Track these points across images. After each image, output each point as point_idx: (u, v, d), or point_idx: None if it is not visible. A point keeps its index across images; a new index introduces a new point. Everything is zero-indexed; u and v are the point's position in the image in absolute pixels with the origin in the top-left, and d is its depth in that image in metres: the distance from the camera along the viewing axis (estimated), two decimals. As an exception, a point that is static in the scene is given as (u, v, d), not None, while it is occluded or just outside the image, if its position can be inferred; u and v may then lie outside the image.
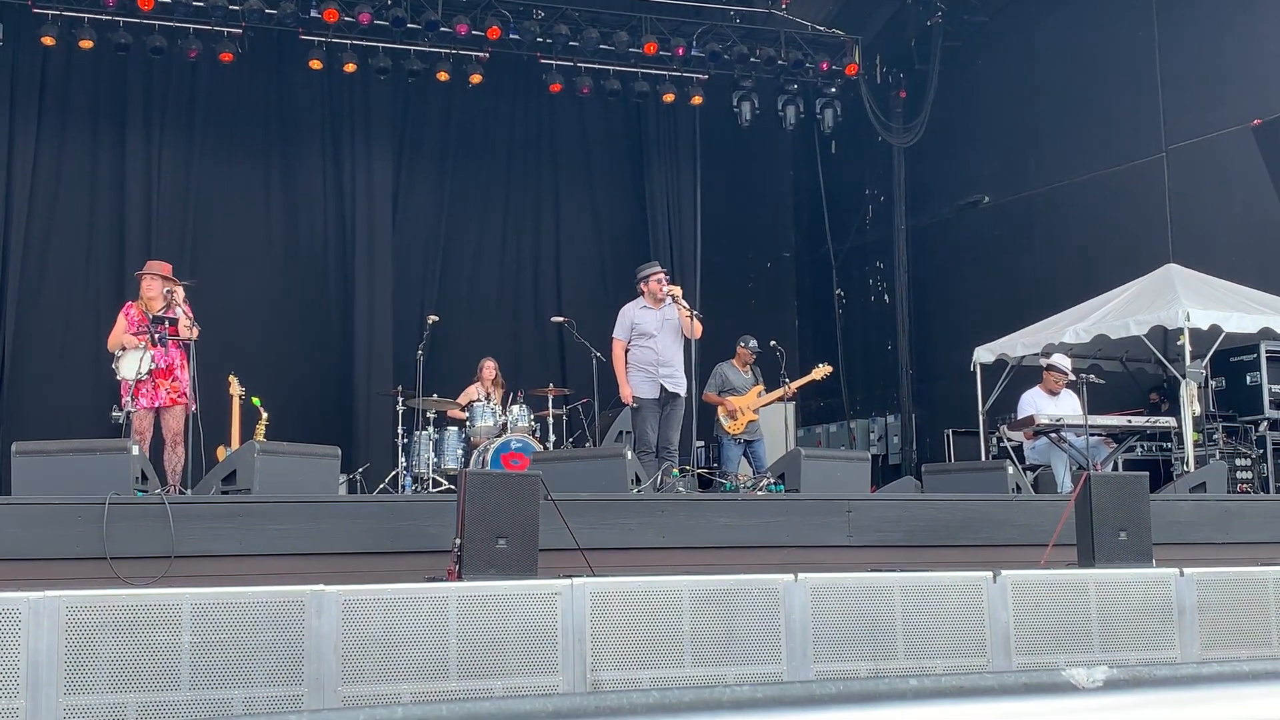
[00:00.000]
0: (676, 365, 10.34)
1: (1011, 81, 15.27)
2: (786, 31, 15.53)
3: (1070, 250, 14.34)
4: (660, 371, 10.29)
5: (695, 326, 10.18)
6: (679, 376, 10.33)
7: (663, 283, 10.40)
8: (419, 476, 11.75)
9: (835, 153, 17.51)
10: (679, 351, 10.37)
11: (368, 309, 14.98)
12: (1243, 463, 11.43)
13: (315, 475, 7.63)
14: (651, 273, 10.56)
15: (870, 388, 17.20)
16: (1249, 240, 12.74)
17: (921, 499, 9.06)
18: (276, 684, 5.20)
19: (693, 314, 10.21)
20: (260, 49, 14.45)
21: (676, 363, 10.34)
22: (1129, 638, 6.65)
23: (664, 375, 10.28)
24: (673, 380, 10.29)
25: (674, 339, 10.31)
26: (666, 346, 10.31)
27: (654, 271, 10.57)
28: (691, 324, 10.19)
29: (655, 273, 10.56)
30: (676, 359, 10.35)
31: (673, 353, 10.33)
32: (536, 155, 16.42)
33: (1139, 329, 11.55)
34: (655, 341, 10.31)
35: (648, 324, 10.39)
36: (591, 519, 7.19)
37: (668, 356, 10.30)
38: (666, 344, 10.31)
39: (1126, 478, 8.02)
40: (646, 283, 10.47)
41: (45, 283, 13.96)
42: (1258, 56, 12.79)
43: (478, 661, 5.48)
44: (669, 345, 10.31)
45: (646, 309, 10.45)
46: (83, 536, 6.39)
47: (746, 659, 5.93)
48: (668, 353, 10.31)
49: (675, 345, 10.34)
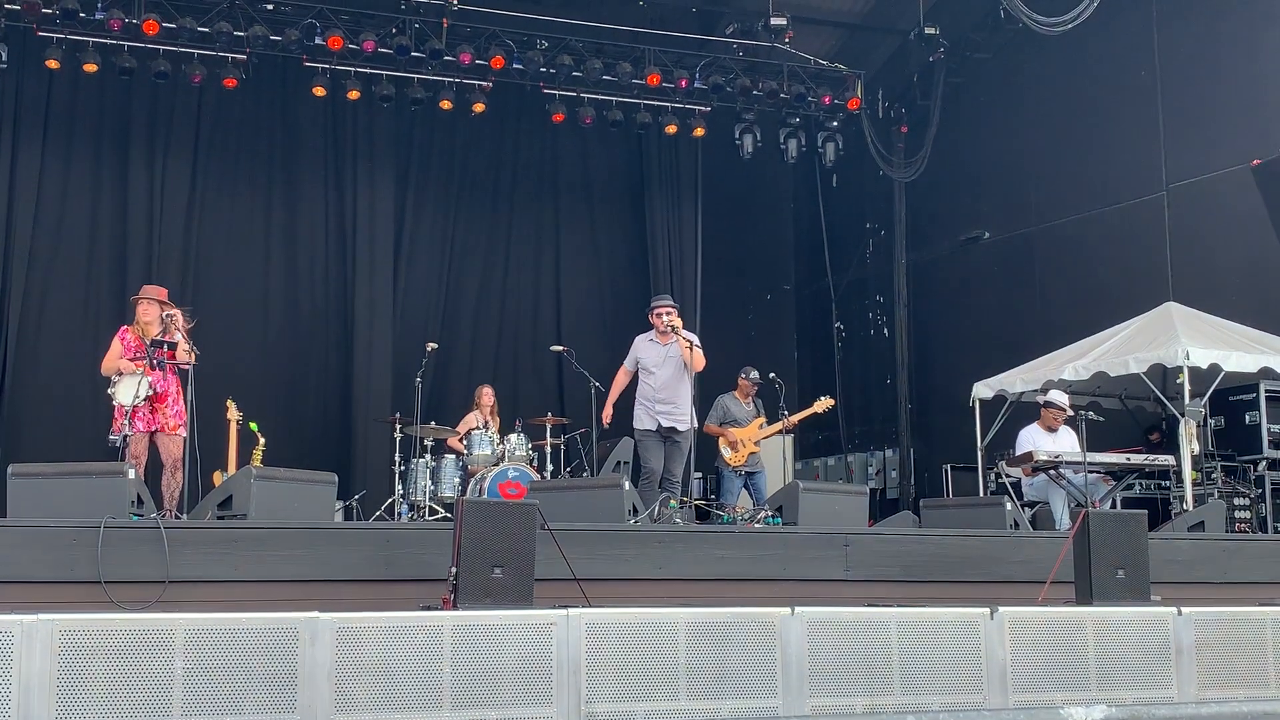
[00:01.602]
0: (678, 401, 10.25)
1: (1013, 118, 15.32)
2: (789, 65, 15.60)
3: (1070, 287, 14.35)
4: (657, 408, 10.26)
5: (696, 357, 10.13)
6: (679, 413, 10.23)
7: (661, 316, 10.37)
8: (415, 504, 11.74)
9: (836, 186, 17.56)
10: (682, 387, 10.27)
11: (367, 336, 14.97)
12: (1241, 502, 11.42)
13: (311, 502, 7.61)
14: (656, 305, 10.54)
15: (869, 421, 17.18)
16: (1249, 279, 12.76)
17: (919, 534, 9.04)
18: (269, 711, 5.18)
19: (692, 345, 10.17)
20: (264, 75, 14.52)
21: (678, 399, 10.25)
22: (1126, 676, 6.63)
23: (660, 411, 10.24)
24: (669, 416, 10.23)
25: (677, 375, 10.24)
26: (667, 382, 10.25)
27: (658, 304, 10.52)
28: (690, 355, 10.15)
29: (659, 306, 10.52)
30: (678, 395, 10.25)
31: (674, 389, 10.25)
32: (538, 184, 16.45)
33: (1138, 367, 11.56)
34: (655, 377, 10.28)
35: (650, 358, 10.37)
36: (588, 549, 7.17)
37: (667, 393, 10.24)
38: (668, 379, 10.25)
39: (1125, 515, 7.99)
40: (652, 315, 10.46)
41: (46, 305, 13.95)
42: (1258, 96, 12.84)
43: (472, 691, 5.46)
44: (670, 381, 10.24)
45: (652, 342, 10.44)
46: (77, 560, 6.37)
47: (742, 693, 5.90)
48: (668, 389, 10.25)
49: (678, 381, 10.25)
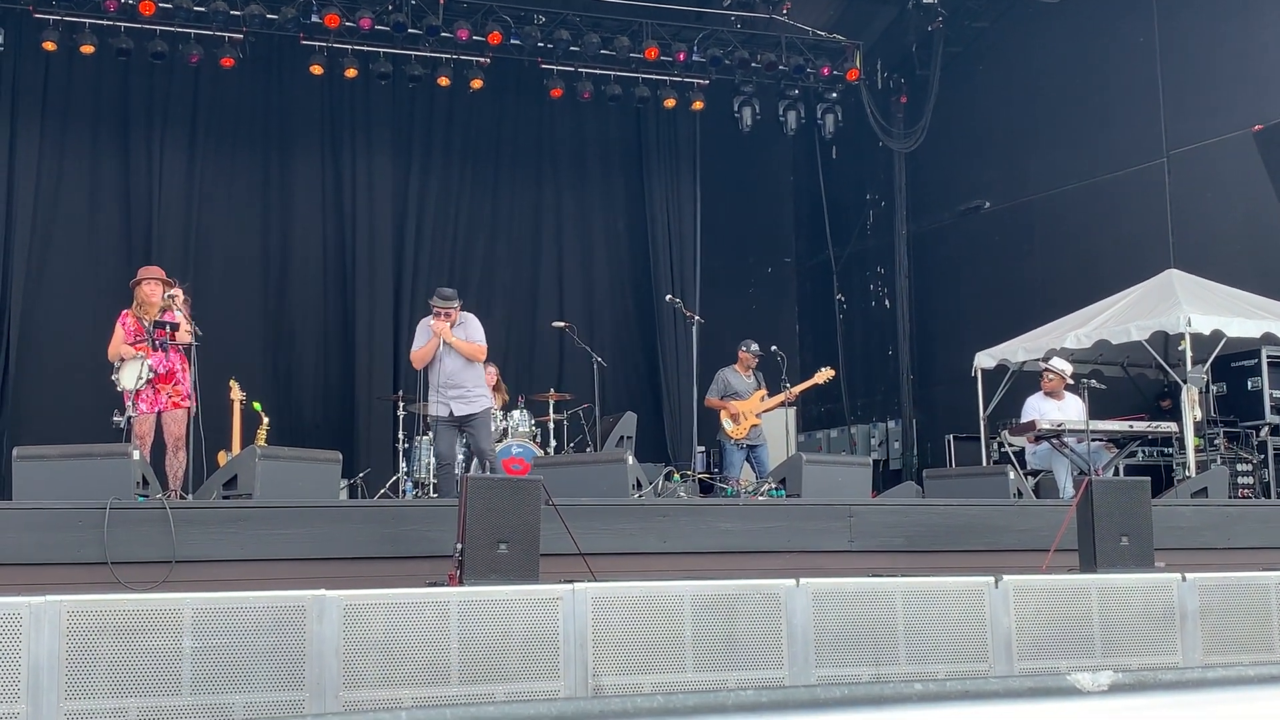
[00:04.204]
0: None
1: (1012, 87, 15.27)
2: (787, 37, 15.54)
3: (1071, 255, 14.33)
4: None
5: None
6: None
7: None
8: (419, 481, 11.75)
9: (836, 158, 17.52)
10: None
11: (368, 314, 14.97)
12: (1244, 468, 11.45)
13: (316, 480, 7.63)
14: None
15: (871, 393, 17.19)
16: (1250, 245, 12.75)
17: (923, 504, 9.06)
18: (278, 689, 5.20)
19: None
20: (261, 54, 14.46)
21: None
22: (1131, 643, 6.65)
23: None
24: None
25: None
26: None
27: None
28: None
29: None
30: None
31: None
32: (537, 160, 16.41)
33: (1140, 334, 11.55)
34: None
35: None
36: (593, 524, 7.20)
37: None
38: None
39: (1128, 483, 8.01)
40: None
41: (48, 287, 13.94)
42: (1258, 62, 12.80)
43: (479, 666, 5.48)
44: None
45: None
46: (84, 541, 6.40)
47: (748, 664, 5.92)
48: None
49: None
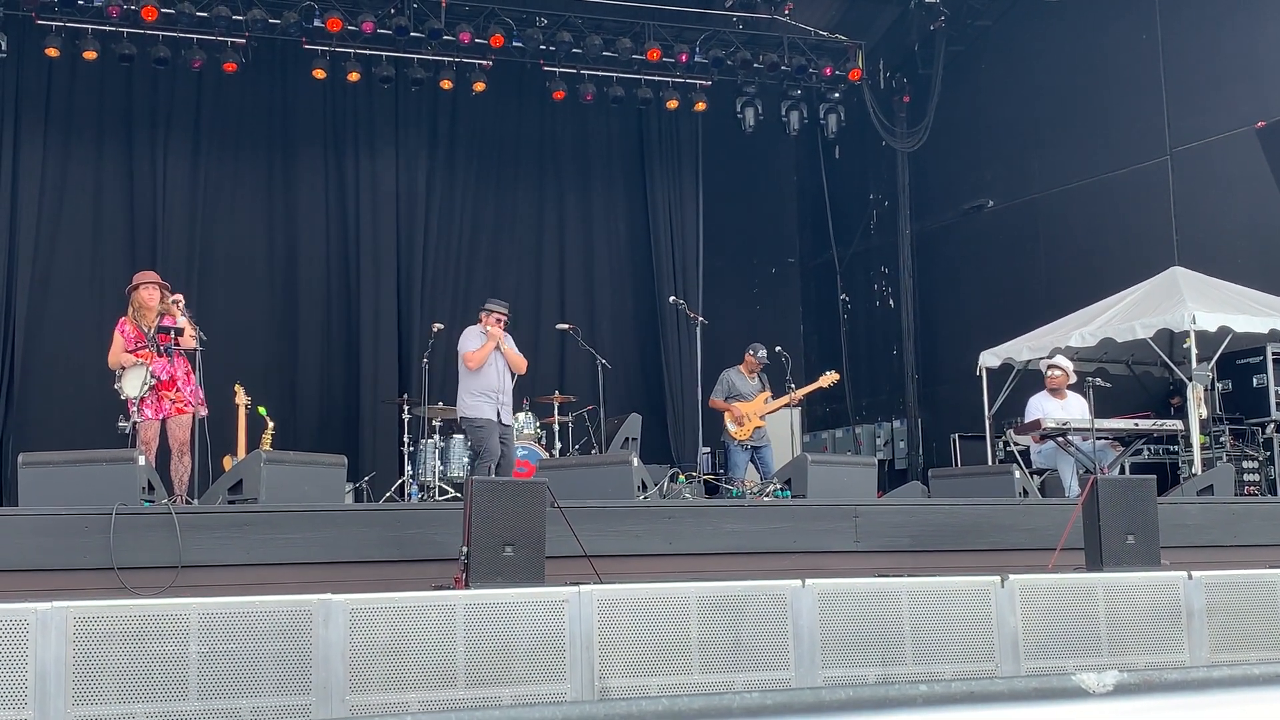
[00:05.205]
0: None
1: (1015, 85, 15.26)
2: (789, 37, 15.53)
3: (1075, 254, 14.32)
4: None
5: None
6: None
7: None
8: (425, 485, 11.76)
9: (839, 158, 17.51)
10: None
11: (373, 318, 14.97)
12: (1250, 465, 11.44)
13: (321, 484, 7.63)
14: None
15: (876, 393, 17.18)
16: (1254, 243, 12.73)
17: (928, 504, 9.05)
18: (285, 693, 5.20)
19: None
20: (264, 59, 14.48)
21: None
22: (1137, 641, 6.64)
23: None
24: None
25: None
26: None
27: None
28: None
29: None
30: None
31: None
32: (540, 162, 16.40)
33: (1145, 332, 11.53)
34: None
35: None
36: (598, 526, 7.20)
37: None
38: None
39: (1134, 481, 8.00)
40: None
41: (53, 293, 13.95)
42: (1261, 59, 12.78)
43: (485, 669, 5.48)
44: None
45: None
46: (90, 547, 6.40)
47: (754, 665, 5.92)
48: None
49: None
